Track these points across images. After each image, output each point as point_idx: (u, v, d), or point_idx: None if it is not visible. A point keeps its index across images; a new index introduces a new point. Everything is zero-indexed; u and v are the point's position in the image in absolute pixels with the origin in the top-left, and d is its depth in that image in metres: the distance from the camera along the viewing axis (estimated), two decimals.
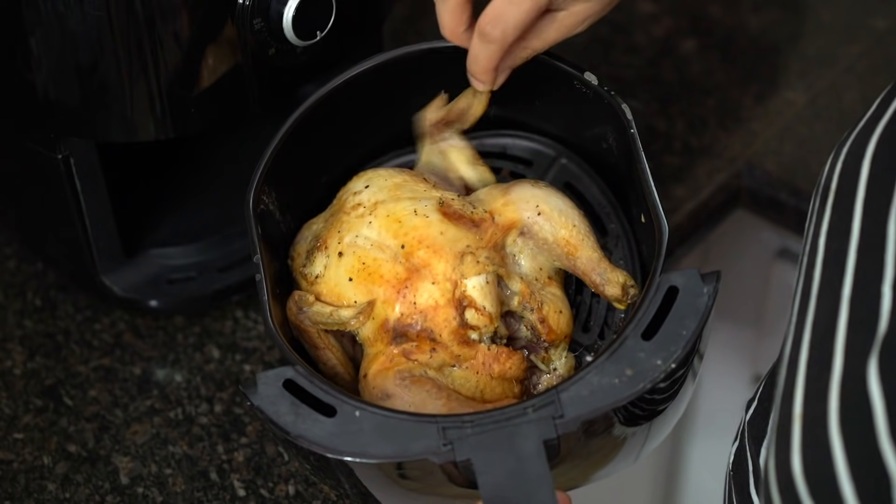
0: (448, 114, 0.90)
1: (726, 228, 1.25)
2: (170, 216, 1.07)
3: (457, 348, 0.81)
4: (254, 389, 0.76)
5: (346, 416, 0.74)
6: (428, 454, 0.72)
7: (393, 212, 0.85)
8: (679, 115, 1.23)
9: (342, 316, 0.83)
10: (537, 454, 0.71)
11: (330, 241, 0.86)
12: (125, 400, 0.98)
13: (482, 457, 0.71)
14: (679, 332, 0.74)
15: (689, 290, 0.76)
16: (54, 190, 0.95)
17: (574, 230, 0.86)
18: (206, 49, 0.86)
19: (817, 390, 0.60)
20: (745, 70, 1.28)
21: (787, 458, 0.61)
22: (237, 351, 1.01)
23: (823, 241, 0.65)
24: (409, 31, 1.34)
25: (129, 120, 0.88)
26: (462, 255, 0.83)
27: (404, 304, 0.82)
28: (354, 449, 0.73)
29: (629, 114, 0.85)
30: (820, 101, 1.24)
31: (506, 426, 0.72)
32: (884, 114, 0.66)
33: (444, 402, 0.80)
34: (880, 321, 0.58)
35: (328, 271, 0.85)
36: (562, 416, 0.72)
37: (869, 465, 0.56)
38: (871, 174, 0.64)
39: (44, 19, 0.83)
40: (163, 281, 1.02)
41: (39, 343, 1.01)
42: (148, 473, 0.93)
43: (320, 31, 0.89)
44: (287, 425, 0.74)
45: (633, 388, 0.73)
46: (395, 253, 0.83)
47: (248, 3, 0.85)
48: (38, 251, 1.07)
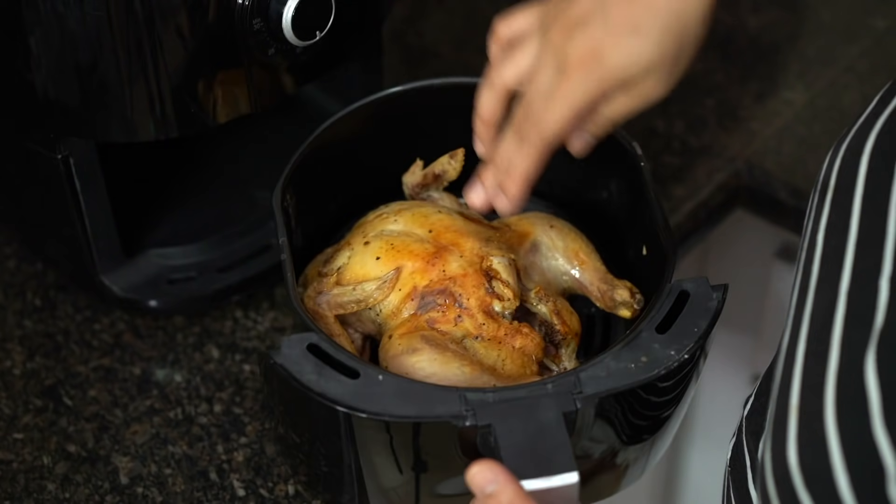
0: (424, 178, 0.94)
1: (726, 228, 1.25)
2: (169, 216, 1.07)
3: (481, 317, 0.83)
4: (277, 351, 0.77)
5: (369, 378, 0.75)
6: (450, 417, 0.73)
7: (418, 211, 0.90)
8: (678, 115, 1.23)
9: (366, 289, 0.85)
10: (557, 424, 0.73)
11: (354, 240, 0.89)
12: (125, 400, 0.98)
13: (503, 423, 0.73)
14: (691, 329, 0.78)
15: (700, 294, 0.80)
16: (54, 190, 0.95)
17: (583, 243, 0.91)
18: (205, 49, 0.86)
19: (814, 383, 0.61)
20: (745, 70, 1.28)
21: (783, 450, 0.61)
22: (237, 351, 1.01)
23: (822, 237, 0.65)
24: (408, 32, 1.34)
25: (129, 120, 0.88)
26: (487, 240, 0.87)
27: (433, 272, 0.85)
28: (376, 408, 0.74)
29: (639, 150, 0.90)
30: (819, 101, 1.24)
31: (527, 397, 0.74)
32: (882, 111, 0.66)
33: (467, 363, 0.81)
34: (877, 315, 0.59)
35: (352, 259, 0.88)
36: (581, 391, 0.75)
37: (864, 458, 0.57)
38: (870, 170, 0.64)
39: (43, 19, 0.83)
40: (162, 281, 1.03)
41: (39, 343, 1.01)
42: (148, 473, 0.93)
43: (320, 31, 0.89)
44: (310, 383, 0.75)
45: (649, 373, 0.76)
46: (422, 236, 0.87)
47: (248, 4, 0.85)
48: (37, 251, 1.07)
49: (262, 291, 1.05)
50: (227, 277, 1.03)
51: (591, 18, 0.71)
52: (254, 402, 0.97)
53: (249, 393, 0.98)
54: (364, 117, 0.94)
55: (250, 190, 1.09)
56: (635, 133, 1.21)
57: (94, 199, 0.96)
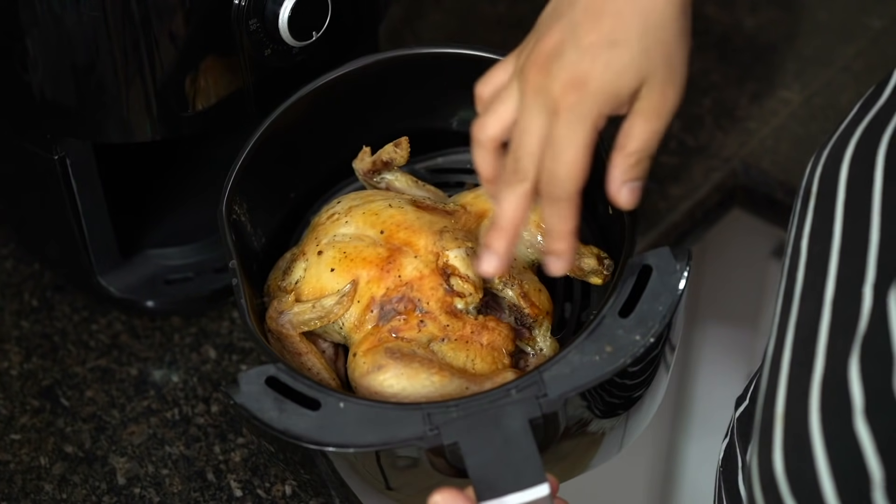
0: (374, 165, 0.92)
1: (722, 227, 1.25)
2: (166, 217, 1.07)
3: (445, 318, 0.82)
4: (236, 388, 0.76)
5: (331, 407, 0.74)
6: (414, 440, 0.72)
7: (369, 209, 0.87)
8: (675, 115, 1.23)
9: (325, 305, 0.83)
10: (524, 433, 0.72)
11: (308, 248, 0.87)
12: (122, 400, 0.98)
13: (469, 439, 0.72)
14: (655, 309, 0.76)
15: (663, 268, 0.77)
16: (51, 191, 0.95)
17: None
18: (201, 50, 0.86)
19: (799, 391, 0.61)
20: (742, 69, 1.28)
21: (769, 457, 0.61)
22: (234, 351, 1.01)
23: (806, 244, 0.66)
24: (405, 32, 1.34)
25: (126, 121, 0.88)
26: (441, 233, 0.84)
27: (389, 279, 0.83)
28: (340, 440, 0.73)
29: None
30: (816, 101, 1.24)
31: (491, 408, 0.73)
32: (863, 117, 0.66)
33: (436, 370, 0.80)
34: (860, 323, 0.59)
35: (308, 272, 0.86)
36: (545, 394, 0.73)
37: (849, 464, 0.57)
38: (850, 177, 0.64)
39: (40, 20, 0.83)
40: (159, 281, 1.02)
41: (36, 344, 1.01)
42: (145, 474, 0.93)
43: (316, 31, 0.89)
44: (272, 420, 0.74)
45: (614, 364, 0.74)
46: (374, 239, 0.85)
47: (244, 4, 0.85)
48: (34, 252, 1.07)
49: None
50: (224, 278, 1.02)
51: (563, 48, 0.68)
52: None
53: None
54: (304, 107, 0.92)
55: None
56: None
57: (90, 199, 0.96)
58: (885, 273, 0.59)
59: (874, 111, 0.65)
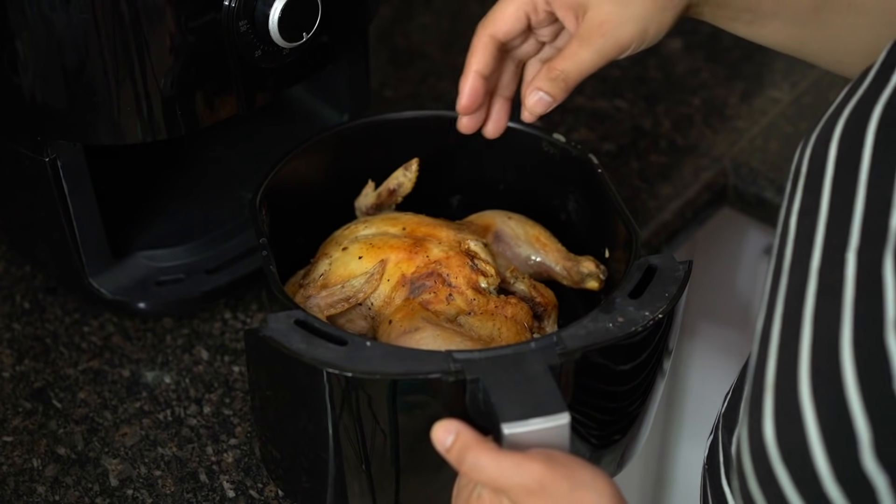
0: (378, 198, 0.97)
1: (713, 226, 1.26)
2: (157, 218, 1.07)
3: (471, 293, 0.87)
4: (264, 324, 0.77)
5: (357, 345, 0.76)
6: (439, 372, 0.74)
7: (386, 216, 0.93)
8: (665, 114, 1.24)
9: (354, 285, 0.87)
10: (544, 373, 0.74)
11: (329, 250, 0.91)
12: (114, 402, 0.98)
13: (491, 376, 0.74)
14: (662, 294, 0.81)
15: (667, 266, 0.83)
16: (42, 193, 0.95)
17: (541, 229, 0.95)
18: (192, 51, 0.86)
19: (788, 359, 0.61)
20: (731, 69, 1.29)
21: (760, 426, 0.62)
22: (226, 352, 1.01)
23: (795, 220, 0.66)
24: (395, 33, 1.34)
25: (117, 122, 0.88)
26: (459, 229, 0.91)
27: (418, 259, 0.88)
28: (367, 367, 0.74)
29: (595, 159, 0.93)
30: (804, 99, 1.25)
31: (512, 354, 0.76)
32: (850, 100, 0.67)
33: (468, 339, 0.83)
34: (846, 286, 0.59)
35: (333, 265, 0.89)
36: (564, 347, 0.76)
37: (839, 429, 0.58)
38: (839, 155, 0.65)
39: (30, 22, 0.83)
40: (151, 283, 1.03)
41: (28, 346, 1.01)
42: (137, 475, 0.93)
43: (306, 32, 0.89)
44: (301, 351, 0.75)
45: (626, 330, 0.78)
46: (398, 234, 0.90)
47: (234, 5, 0.85)
48: (26, 254, 1.07)
49: (250, 293, 1.05)
50: (216, 279, 1.03)
51: None
52: (243, 404, 0.97)
53: (239, 394, 0.98)
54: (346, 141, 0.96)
55: (238, 191, 1.09)
56: (622, 130, 1.21)
57: (81, 201, 0.96)
58: (868, 238, 0.60)
59: (860, 92, 0.66)
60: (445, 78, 1.28)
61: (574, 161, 0.94)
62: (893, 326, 0.57)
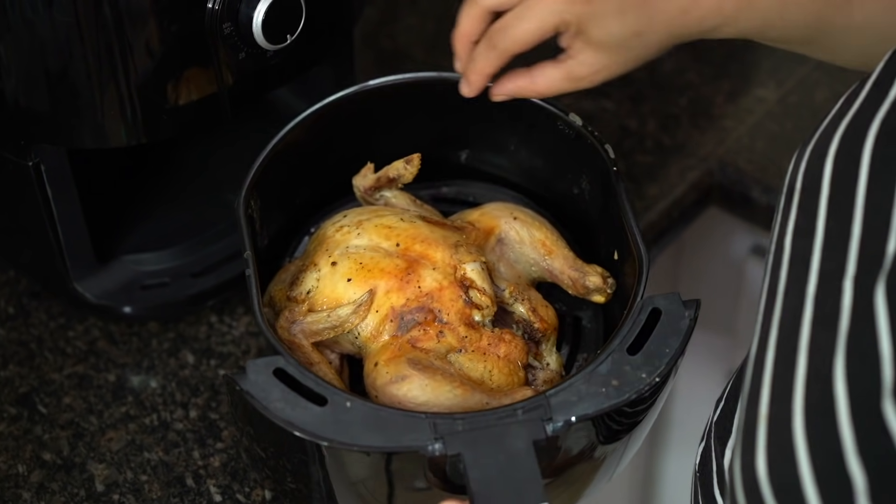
0: (378, 181, 0.94)
1: (699, 226, 1.26)
2: (142, 222, 1.07)
3: (463, 329, 0.83)
4: (243, 375, 0.75)
5: (337, 406, 0.74)
6: (419, 446, 0.72)
7: (381, 222, 0.88)
8: (651, 114, 1.24)
9: (340, 314, 0.83)
10: (527, 453, 0.72)
11: (319, 258, 0.87)
12: (100, 407, 0.97)
13: (473, 452, 0.72)
14: (663, 350, 0.77)
15: (672, 312, 0.79)
16: (26, 197, 0.94)
17: (548, 232, 0.91)
18: (176, 54, 0.86)
19: (782, 390, 0.60)
20: (717, 68, 1.29)
21: (752, 459, 0.61)
22: (212, 356, 1.01)
23: (790, 241, 0.65)
24: (380, 34, 1.34)
25: (100, 126, 0.88)
26: (456, 246, 0.86)
27: (409, 289, 0.83)
28: (345, 438, 0.72)
29: (612, 153, 0.89)
30: (791, 99, 1.25)
31: (497, 425, 0.73)
32: (846, 113, 0.66)
33: (458, 384, 0.80)
34: (842, 317, 0.59)
35: (322, 282, 0.85)
36: (551, 418, 0.73)
37: (833, 470, 0.56)
38: (834, 172, 0.64)
39: (12, 26, 0.83)
40: (136, 287, 1.02)
41: (13, 351, 1.01)
42: (123, 480, 0.92)
43: (290, 34, 0.89)
44: (277, 411, 0.73)
45: (620, 398, 0.75)
46: (390, 251, 0.85)
47: (218, 8, 0.85)
48: (10, 259, 1.06)
49: (236, 296, 1.05)
50: (201, 282, 1.02)
51: None
52: (229, 407, 0.97)
53: (225, 398, 0.98)
54: (323, 118, 0.93)
55: (223, 194, 1.08)
56: (609, 131, 1.21)
57: (66, 205, 0.95)
58: (865, 266, 0.59)
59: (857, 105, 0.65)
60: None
61: (588, 148, 0.90)
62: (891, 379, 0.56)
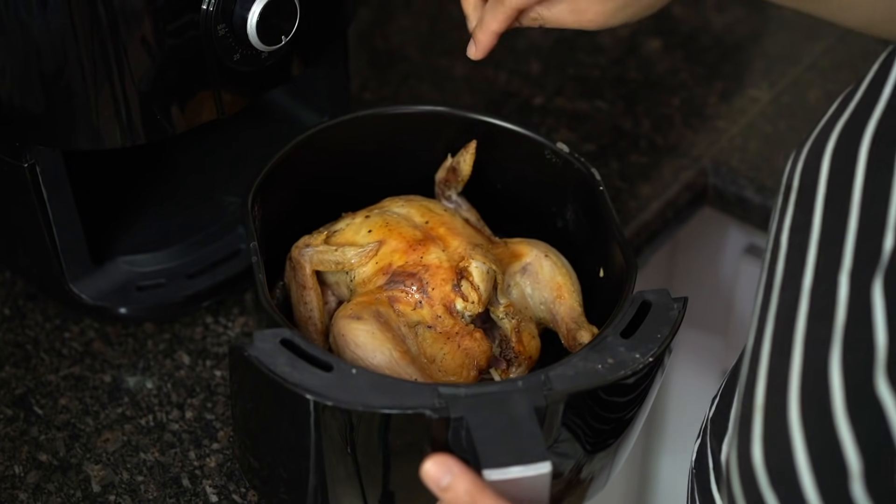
0: (446, 174, 0.98)
1: (693, 226, 1.26)
2: (138, 223, 1.07)
3: (440, 310, 0.86)
4: (249, 343, 0.76)
5: (343, 372, 0.75)
6: (424, 406, 0.74)
7: (425, 204, 0.93)
8: (644, 114, 1.24)
9: (346, 253, 0.89)
10: (529, 416, 0.74)
11: (363, 211, 0.93)
12: (96, 408, 0.97)
13: (476, 415, 0.73)
14: (654, 335, 0.80)
15: (661, 304, 0.82)
16: (21, 199, 0.94)
17: (569, 281, 0.92)
18: (170, 56, 0.86)
19: (778, 381, 0.61)
20: (710, 68, 1.29)
21: (748, 448, 0.62)
22: (208, 357, 1.01)
23: (786, 237, 0.66)
24: (375, 35, 1.34)
25: (96, 127, 0.88)
26: (475, 245, 0.89)
27: (412, 256, 0.88)
28: (352, 398, 0.74)
29: (598, 175, 0.92)
30: (784, 99, 1.25)
31: (498, 392, 0.75)
32: (843, 113, 0.66)
33: (400, 351, 0.83)
34: (838, 311, 0.59)
35: (349, 227, 0.91)
36: (551, 388, 0.76)
37: (828, 456, 0.57)
38: (831, 171, 0.64)
39: (7, 27, 0.83)
40: (132, 288, 1.02)
41: (9, 353, 1.01)
42: (120, 481, 0.93)
43: (285, 36, 0.89)
44: (285, 374, 0.75)
45: (615, 374, 0.77)
46: (417, 224, 0.90)
47: (212, 9, 0.85)
48: (5, 260, 1.07)
49: (231, 297, 1.05)
50: (197, 283, 1.03)
51: None
52: (225, 408, 0.97)
53: (221, 398, 0.98)
54: (335, 137, 0.96)
55: (218, 195, 1.08)
56: (602, 131, 1.22)
57: (61, 207, 0.95)
58: (861, 261, 0.59)
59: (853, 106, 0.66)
60: (425, 80, 1.28)
61: (576, 174, 0.93)
62: (885, 358, 0.56)
